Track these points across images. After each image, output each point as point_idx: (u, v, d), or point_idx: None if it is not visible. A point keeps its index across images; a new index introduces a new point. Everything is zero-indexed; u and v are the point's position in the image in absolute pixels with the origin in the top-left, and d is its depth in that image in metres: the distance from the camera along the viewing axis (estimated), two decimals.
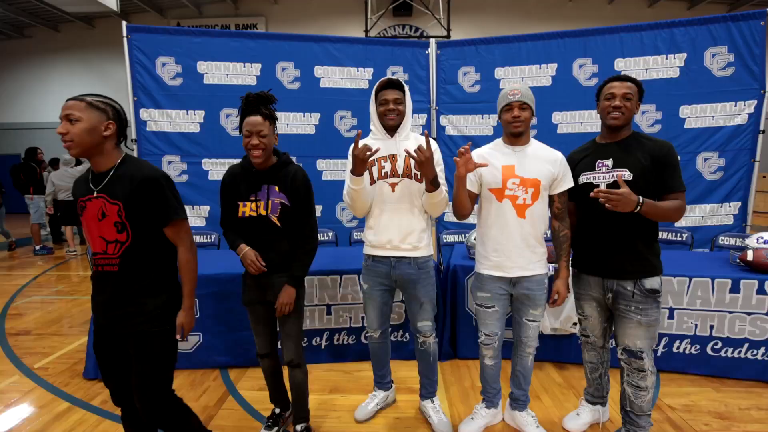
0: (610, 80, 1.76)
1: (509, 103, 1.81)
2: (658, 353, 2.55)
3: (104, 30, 11.42)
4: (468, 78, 4.03)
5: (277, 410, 2.08)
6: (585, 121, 3.80)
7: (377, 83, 1.94)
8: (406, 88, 1.95)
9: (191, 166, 3.83)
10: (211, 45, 3.75)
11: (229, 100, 3.78)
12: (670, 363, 2.55)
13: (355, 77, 4.07)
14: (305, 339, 2.75)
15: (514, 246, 1.84)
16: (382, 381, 2.27)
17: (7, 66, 12.10)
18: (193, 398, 2.39)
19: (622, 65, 3.76)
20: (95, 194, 1.40)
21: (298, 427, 1.96)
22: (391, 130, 1.94)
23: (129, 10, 10.81)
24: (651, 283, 1.72)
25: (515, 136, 1.85)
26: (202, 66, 3.76)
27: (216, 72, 3.80)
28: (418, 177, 1.89)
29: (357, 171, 1.79)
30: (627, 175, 1.70)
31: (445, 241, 3.73)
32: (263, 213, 1.75)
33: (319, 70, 4.01)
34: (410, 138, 1.97)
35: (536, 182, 1.81)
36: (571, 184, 1.85)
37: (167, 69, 3.69)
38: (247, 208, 1.76)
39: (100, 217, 1.40)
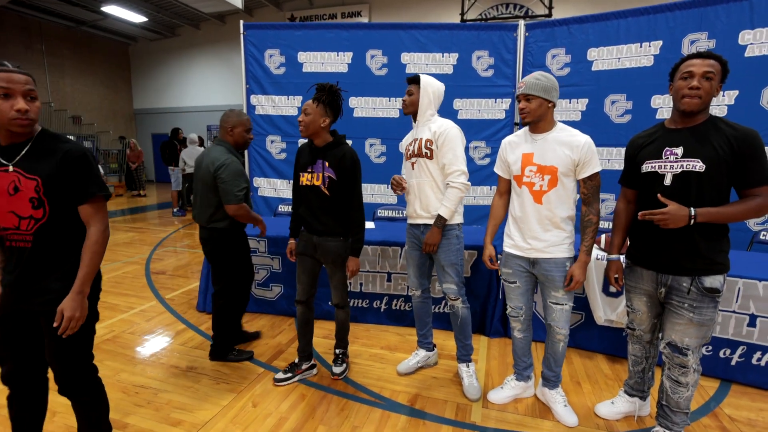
0: (690, 57, 1.59)
1: (517, 95, 1.88)
2: (732, 362, 2.30)
3: (232, 26, 13.05)
4: (557, 60, 3.85)
5: (297, 360, 2.40)
6: None
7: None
8: (423, 80, 2.16)
9: (290, 145, 4.36)
10: (310, 37, 4.19)
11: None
12: (746, 375, 2.29)
13: (439, 63, 4.17)
14: (367, 300, 3.08)
15: (529, 229, 1.92)
16: (424, 341, 2.48)
17: (162, 61, 14.61)
18: (271, 337, 2.90)
19: (749, 39, 3.25)
20: (11, 168, 1.31)
21: (337, 351, 2.44)
22: (413, 117, 2.25)
23: (252, 6, 12.17)
24: (711, 281, 1.59)
25: (529, 125, 1.90)
26: (301, 56, 4.23)
27: (313, 61, 4.25)
28: (429, 155, 2.14)
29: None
30: (699, 166, 1.55)
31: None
32: (316, 183, 2.11)
33: (405, 57, 4.20)
34: (428, 123, 2.17)
35: (553, 169, 1.84)
36: (597, 168, 1.81)
37: (273, 59, 4.23)
38: (304, 178, 2.15)
39: (11, 192, 1.31)
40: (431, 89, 2.15)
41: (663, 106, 3.52)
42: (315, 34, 4.19)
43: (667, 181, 1.63)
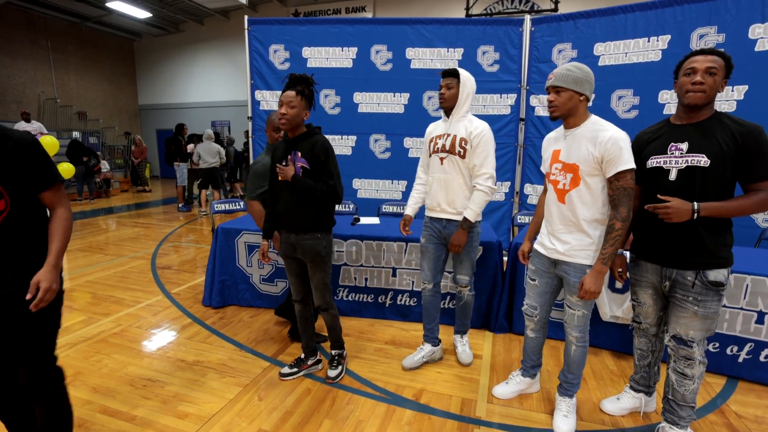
0: (692, 54, 1.59)
1: (546, 88, 1.81)
2: (740, 359, 2.29)
3: (236, 21, 13.02)
4: (563, 55, 3.83)
5: (303, 356, 2.40)
6: None
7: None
8: (462, 74, 2.16)
9: None
10: (314, 32, 4.18)
11: (327, 81, 4.19)
12: (754, 372, 2.28)
13: (445, 58, 4.15)
14: (372, 295, 3.08)
15: (554, 229, 1.87)
16: (431, 335, 2.48)
17: (166, 57, 14.61)
18: (276, 332, 2.91)
19: (759, 33, 3.21)
20: None
21: (333, 352, 2.37)
22: (447, 111, 2.24)
23: (256, 2, 12.14)
24: (715, 275, 1.59)
25: (560, 120, 1.81)
26: (306, 51, 4.22)
27: (318, 56, 4.24)
28: (462, 154, 2.17)
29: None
30: (704, 161, 1.55)
31: (519, 221, 3.69)
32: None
33: (410, 52, 4.18)
34: (464, 120, 2.19)
35: (575, 167, 1.74)
36: (624, 167, 1.62)
37: (278, 55, 4.23)
38: (284, 172, 2.05)
39: None
40: (470, 84, 2.18)
41: (670, 101, 3.49)
42: (319, 30, 4.19)
43: (672, 176, 1.63)
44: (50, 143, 5.61)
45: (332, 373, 2.30)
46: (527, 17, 3.90)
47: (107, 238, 5.87)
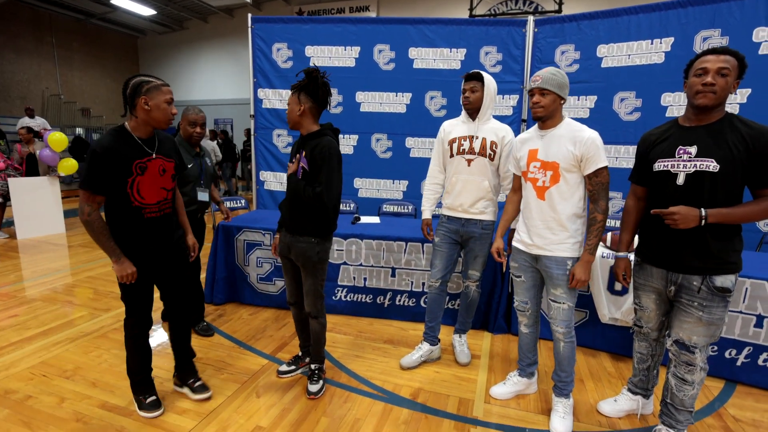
0: (704, 53, 1.54)
1: (531, 89, 1.84)
2: (738, 363, 2.28)
3: (240, 20, 13.03)
4: (566, 57, 3.82)
5: (300, 354, 2.41)
6: None
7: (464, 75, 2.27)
8: (486, 78, 2.19)
9: (297, 139, 4.37)
10: (318, 31, 4.19)
11: (330, 80, 4.19)
12: (752, 376, 2.27)
13: (447, 58, 4.15)
14: (371, 295, 3.09)
15: (533, 225, 1.92)
16: (431, 334, 2.49)
17: (170, 54, 14.65)
18: (275, 329, 2.92)
19: (763, 36, 3.20)
20: (154, 156, 1.80)
21: (313, 366, 2.22)
22: (472, 113, 2.26)
23: (261, 0, 12.16)
24: (722, 281, 1.56)
25: (539, 121, 1.88)
26: (309, 50, 4.23)
27: (321, 55, 4.24)
28: (492, 157, 2.20)
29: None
30: (713, 166, 1.51)
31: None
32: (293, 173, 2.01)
33: (413, 52, 4.18)
34: (489, 123, 2.26)
35: (554, 165, 1.82)
36: (602, 164, 1.75)
37: (281, 53, 4.24)
38: (289, 169, 2.04)
39: (160, 173, 1.83)
40: (492, 87, 2.22)
41: (673, 104, 3.48)
42: (323, 29, 4.19)
43: (680, 180, 1.59)
44: (59, 139, 5.63)
45: (313, 388, 2.16)
46: (530, 18, 3.90)
47: None
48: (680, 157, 1.59)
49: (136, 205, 1.76)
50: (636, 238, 1.88)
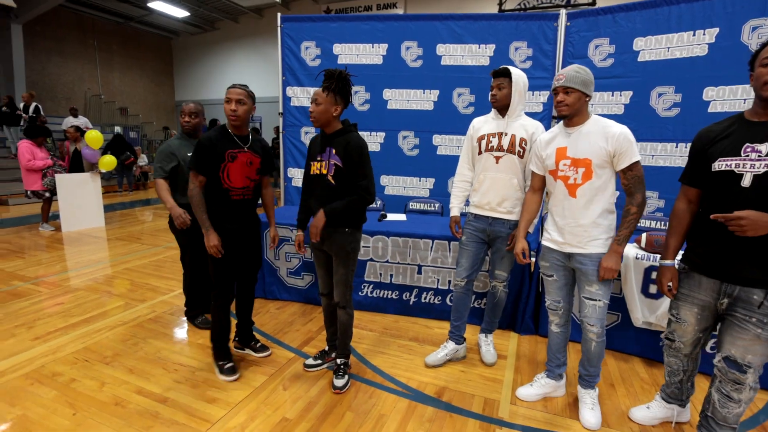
0: None
1: (555, 88, 1.83)
2: None
3: (269, 19, 13.29)
4: (600, 51, 3.69)
5: (327, 348, 2.44)
6: (750, 98, 3.16)
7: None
8: (514, 73, 2.15)
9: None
10: (345, 29, 4.21)
11: (357, 78, 4.19)
12: None
13: (476, 54, 4.09)
14: (397, 292, 3.09)
15: (566, 224, 1.88)
16: (456, 333, 2.47)
17: (202, 54, 15.11)
18: (302, 323, 2.98)
19: None
20: (245, 149, 2.16)
21: (338, 360, 2.26)
22: (501, 110, 2.23)
23: None
24: None
25: (565, 119, 1.86)
26: (337, 48, 4.26)
27: (348, 53, 4.26)
28: (521, 154, 2.16)
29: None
30: None
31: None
32: (323, 172, 2.05)
33: (441, 48, 4.14)
34: (520, 119, 2.21)
35: (587, 162, 1.79)
36: (636, 158, 1.73)
37: (309, 52, 4.29)
38: (315, 167, 2.10)
39: (248, 164, 2.19)
40: (522, 83, 2.18)
41: (717, 98, 3.30)
42: (350, 26, 4.21)
43: (746, 182, 1.42)
44: (95, 137, 5.92)
45: (339, 382, 2.19)
46: (563, 11, 3.78)
47: (143, 228, 6.15)
48: (747, 155, 1.43)
49: (225, 187, 2.12)
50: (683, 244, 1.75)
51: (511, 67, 2.16)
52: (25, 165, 5.53)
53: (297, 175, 4.56)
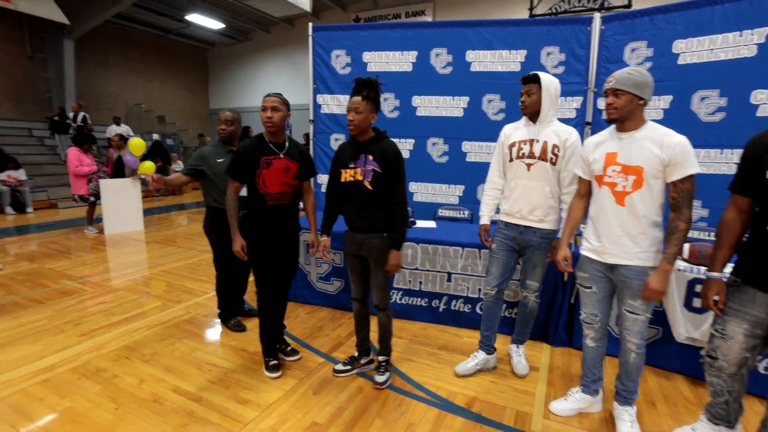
0: None
1: (605, 90, 1.76)
2: None
3: (300, 29, 13.62)
4: (636, 54, 3.57)
5: (356, 354, 2.45)
6: None
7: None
8: (543, 79, 2.10)
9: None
10: (375, 37, 4.26)
11: (387, 85, 4.23)
12: None
13: (506, 60, 4.04)
14: (426, 299, 3.08)
15: (610, 233, 1.79)
16: (487, 342, 2.43)
17: (235, 64, 15.64)
18: (331, 329, 3.00)
19: None
20: (281, 156, 2.23)
21: (380, 358, 2.35)
22: (532, 117, 2.19)
23: (319, 9, 12.62)
24: None
25: (615, 122, 1.78)
26: (366, 56, 4.31)
27: (378, 61, 4.31)
28: (554, 161, 2.10)
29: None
30: None
31: (581, 230, 3.49)
32: (359, 178, 2.09)
33: (470, 55, 4.12)
34: (552, 125, 2.17)
35: (638, 169, 1.70)
36: (691, 170, 1.62)
37: (339, 60, 4.36)
38: (347, 174, 2.12)
39: (284, 170, 2.24)
40: (553, 88, 2.14)
41: (766, 101, 3.13)
42: (380, 34, 4.25)
43: None
44: (137, 144, 6.23)
45: (380, 378, 2.28)
46: (597, 15, 3.69)
47: (179, 232, 6.39)
48: None
49: (261, 192, 2.19)
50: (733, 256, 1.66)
51: (540, 73, 2.13)
52: (72, 171, 5.87)
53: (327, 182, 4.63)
